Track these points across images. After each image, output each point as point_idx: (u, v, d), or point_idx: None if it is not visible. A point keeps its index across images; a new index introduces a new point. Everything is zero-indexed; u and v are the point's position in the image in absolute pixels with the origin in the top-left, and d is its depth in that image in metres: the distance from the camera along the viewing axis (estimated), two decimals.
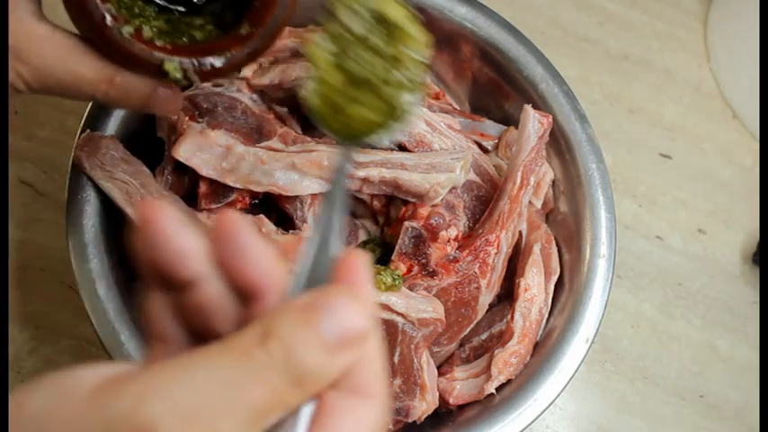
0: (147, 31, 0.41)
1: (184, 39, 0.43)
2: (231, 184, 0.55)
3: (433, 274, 0.55)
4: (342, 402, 0.26)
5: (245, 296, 0.28)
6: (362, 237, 0.60)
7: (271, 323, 0.24)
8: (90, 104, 0.58)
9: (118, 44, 0.39)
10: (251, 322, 0.25)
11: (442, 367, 0.58)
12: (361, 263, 0.28)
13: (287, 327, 0.24)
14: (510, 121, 0.66)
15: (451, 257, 0.55)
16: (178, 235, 0.27)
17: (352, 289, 0.27)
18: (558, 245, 0.62)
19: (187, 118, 0.58)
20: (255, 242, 0.27)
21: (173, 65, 0.40)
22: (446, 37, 0.66)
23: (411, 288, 0.54)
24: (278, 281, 0.28)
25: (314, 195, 0.57)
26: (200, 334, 0.28)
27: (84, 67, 0.40)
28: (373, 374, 0.27)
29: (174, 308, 0.28)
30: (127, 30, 0.39)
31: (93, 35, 0.40)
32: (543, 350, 0.57)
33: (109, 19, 0.39)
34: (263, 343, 0.24)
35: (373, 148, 0.56)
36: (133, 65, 0.40)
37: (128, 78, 0.41)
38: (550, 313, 0.59)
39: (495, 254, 0.56)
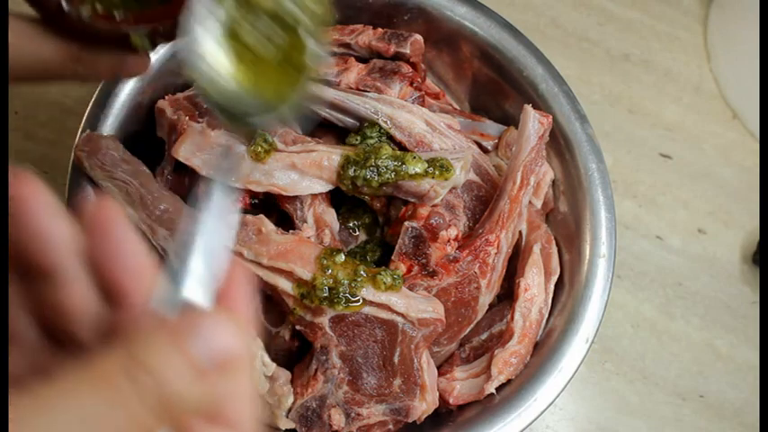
0: (103, 6, 0.40)
1: (139, 6, 0.42)
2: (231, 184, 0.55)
3: (433, 274, 0.55)
4: None
5: (110, 298, 0.26)
6: (362, 237, 0.60)
7: (137, 348, 0.22)
8: (90, 104, 0.58)
9: (79, 26, 0.39)
10: (114, 334, 0.23)
11: (442, 367, 0.58)
12: (243, 281, 0.27)
13: (155, 352, 0.22)
14: (510, 121, 0.66)
15: (451, 257, 0.55)
16: (46, 217, 0.24)
17: (228, 311, 0.25)
18: (558, 245, 0.62)
19: (187, 118, 0.58)
20: (129, 239, 0.25)
21: (140, 38, 0.40)
22: (446, 37, 0.66)
23: (411, 288, 0.54)
24: (147, 285, 0.25)
25: (314, 195, 0.57)
26: (57, 336, 0.26)
27: (49, 50, 0.39)
28: (242, 403, 0.25)
29: (31, 303, 0.26)
30: (84, 10, 0.39)
31: (53, 22, 0.40)
32: (543, 350, 0.57)
33: (64, 4, 0.38)
34: (129, 371, 0.22)
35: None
36: (98, 42, 0.40)
37: (93, 53, 0.40)
38: (550, 313, 0.59)
39: (495, 254, 0.56)
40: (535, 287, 0.58)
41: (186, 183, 0.58)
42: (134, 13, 0.40)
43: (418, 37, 0.62)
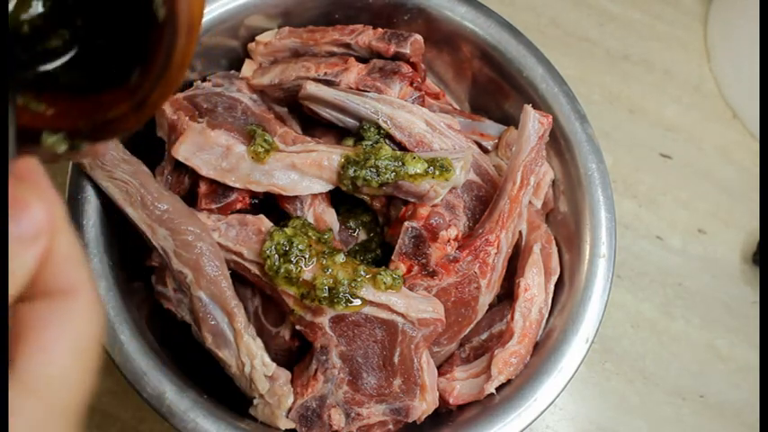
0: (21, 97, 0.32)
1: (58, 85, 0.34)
2: (231, 184, 0.55)
3: (433, 274, 0.55)
4: (41, 313, 0.24)
5: None
6: (362, 237, 0.60)
7: None
8: None
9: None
10: None
11: (442, 367, 0.58)
12: (34, 164, 0.27)
13: None
14: (510, 121, 0.66)
15: (451, 257, 0.55)
16: None
17: (28, 186, 0.26)
18: (558, 245, 0.62)
19: (187, 118, 0.58)
20: None
21: (52, 139, 0.32)
22: (446, 37, 0.66)
23: (411, 288, 0.54)
24: None
25: (314, 195, 0.57)
26: None
27: None
28: (71, 268, 0.25)
29: None
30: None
31: None
32: (543, 350, 0.57)
33: None
34: None
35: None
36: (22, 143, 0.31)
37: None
38: (550, 313, 0.59)
39: (495, 254, 0.56)
40: (535, 287, 0.58)
41: (186, 183, 0.58)
42: (53, 105, 0.32)
43: (418, 37, 0.62)
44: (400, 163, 0.54)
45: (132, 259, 0.57)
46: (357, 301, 0.52)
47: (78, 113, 0.33)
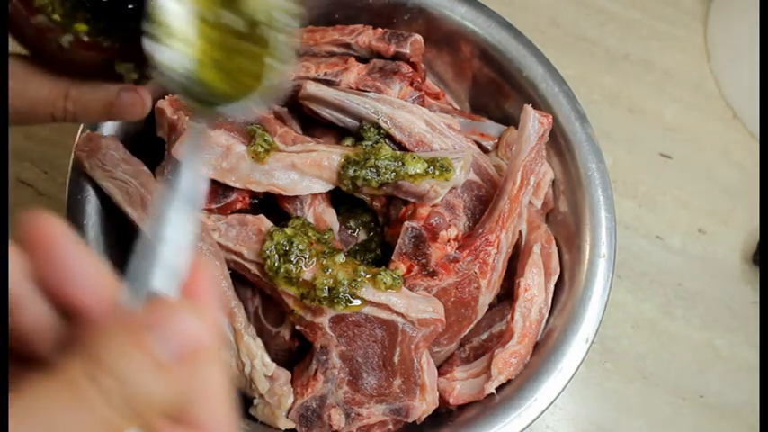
0: (89, 35, 0.36)
1: (124, 32, 0.38)
2: (231, 184, 0.55)
3: (433, 274, 0.55)
4: None
5: (69, 315, 0.25)
6: (362, 237, 0.60)
7: (98, 348, 0.22)
8: None
9: (60, 56, 0.36)
10: (76, 345, 0.22)
11: (442, 367, 0.58)
12: (208, 273, 0.26)
13: (116, 352, 0.21)
14: (510, 121, 0.66)
15: (451, 257, 0.55)
16: None
17: (191, 302, 0.24)
18: (558, 245, 0.62)
19: (187, 118, 0.58)
20: (76, 254, 0.24)
21: (125, 66, 0.37)
22: (446, 37, 0.66)
23: (411, 288, 0.54)
24: (105, 296, 0.24)
25: (314, 195, 0.57)
26: (20, 355, 0.25)
27: (34, 88, 0.36)
28: (214, 402, 0.24)
29: None
30: (66, 39, 0.36)
31: (33, 51, 0.37)
32: (543, 350, 0.57)
33: (45, 31, 0.35)
34: (91, 373, 0.21)
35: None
36: (82, 73, 0.37)
37: (84, 90, 0.37)
38: (550, 313, 0.59)
39: (495, 254, 0.56)
40: (535, 287, 0.58)
41: None
42: (123, 43, 0.37)
43: (418, 37, 0.62)
44: (400, 163, 0.54)
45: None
46: (357, 302, 0.52)
47: (140, 50, 0.35)
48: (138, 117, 0.40)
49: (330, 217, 0.57)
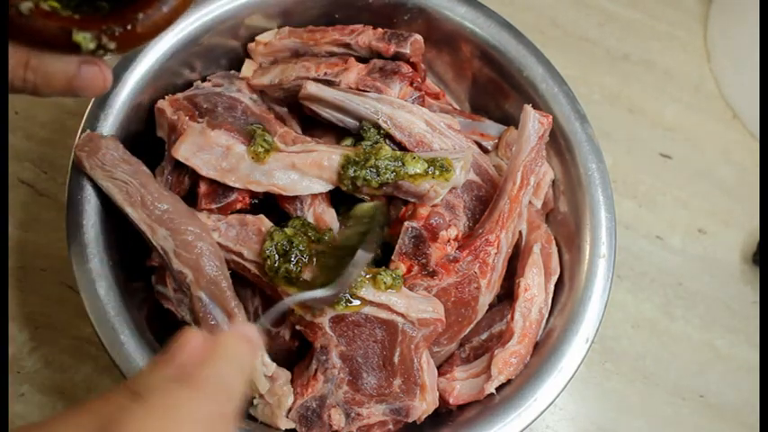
0: (48, 4, 0.37)
1: (92, 9, 0.39)
2: (231, 184, 0.55)
3: (433, 274, 0.55)
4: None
5: None
6: None
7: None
8: (90, 104, 0.58)
9: (18, 23, 0.36)
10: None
11: (442, 367, 0.58)
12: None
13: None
14: (510, 121, 0.66)
15: (451, 257, 0.55)
16: None
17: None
18: (558, 245, 0.62)
19: (187, 118, 0.58)
20: None
21: (82, 35, 0.37)
22: (446, 37, 0.66)
23: (411, 288, 0.54)
24: None
25: (314, 195, 0.57)
26: None
27: None
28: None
29: None
30: (26, 6, 0.36)
31: None
32: (543, 350, 0.57)
33: None
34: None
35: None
36: (41, 42, 0.37)
37: (45, 60, 0.38)
38: (550, 313, 0.59)
39: (495, 254, 0.56)
40: (535, 287, 0.58)
41: (186, 183, 0.58)
42: (84, 15, 0.38)
43: (418, 37, 0.62)
44: (400, 163, 0.54)
45: (132, 259, 0.57)
46: (357, 302, 0.52)
47: (107, 19, 0.38)
48: (100, 92, 0.40)
49: (330, 217, 0.57)
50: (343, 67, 0.61)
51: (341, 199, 0.59)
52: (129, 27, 0.38)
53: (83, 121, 0.58)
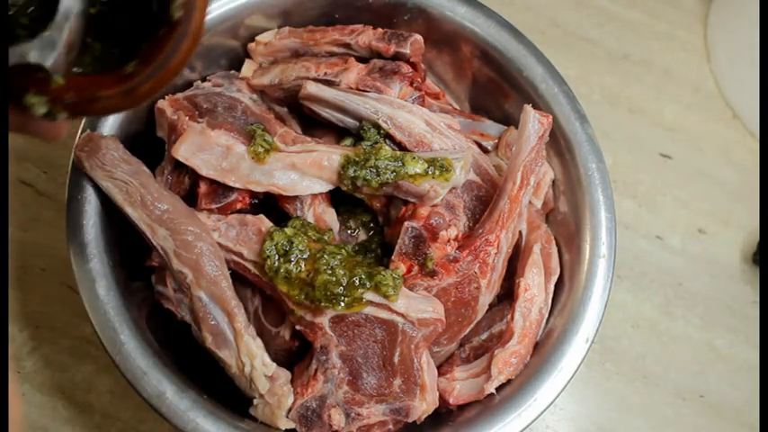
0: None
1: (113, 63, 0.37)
2: (231, 184, 0.55)
3: (433, 274, 0.55)
4: None
5: None
6: (362, 237, 0.60)
7: None
8: None
9: None
10: None
11: (442, 367, 0.58)
12: None
13: None
14: (510, 121, 0.66)
15: (451, 257, 0.55)
16: None
17: None
18: (558, 245, 0.62)
19: (187, 118, 0.58)
20: None
21: (36, 99, 0.35)
22: (446, 37, 0.66)
23: (411, 288, 0.54)
24: None
25: (314, 195, 0.57)
26: None
27: None
28: None
29: None
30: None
31: None
32: (543, 350, 0.57)
33: None
34: None
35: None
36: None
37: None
38: (550, 313, 0.59)
39: (495, 254, 0.56)
40: (535, 287, 0.58)
41: (186, 183, 0.58)
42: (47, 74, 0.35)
43: (418, 37, 0.62)
44: (400, 163, 0.54)
45: (132, 259, 0.57)
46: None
47: (67, 86, 0.35)
48: (55, 140, 0.39)
49: (330, 217, 0.57)
50: (343, 67, 0.61)
51: (341, 199, 0.59)
52: (84, 100, 0.35)
53: (83, 121, 0.58)
